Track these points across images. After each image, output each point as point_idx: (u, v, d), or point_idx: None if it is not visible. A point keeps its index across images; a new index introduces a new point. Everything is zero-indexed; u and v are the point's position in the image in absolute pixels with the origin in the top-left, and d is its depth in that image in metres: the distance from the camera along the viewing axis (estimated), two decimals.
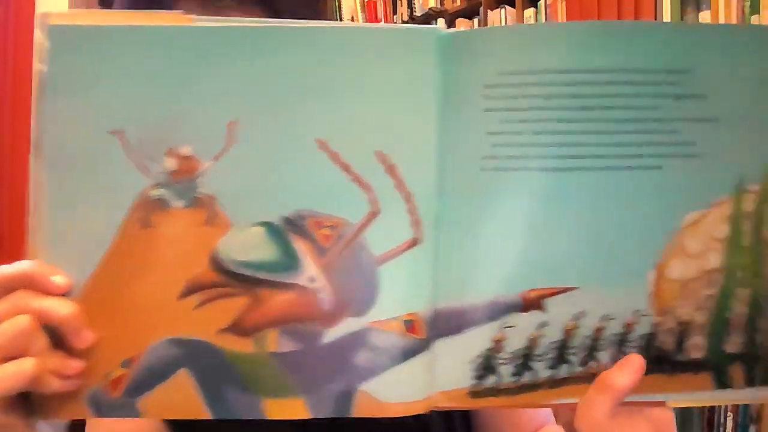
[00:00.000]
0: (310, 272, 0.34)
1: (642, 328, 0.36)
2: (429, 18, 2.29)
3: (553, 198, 0.34)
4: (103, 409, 0.34)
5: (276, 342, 0.34)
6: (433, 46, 0.33)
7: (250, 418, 0.35)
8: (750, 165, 0.34)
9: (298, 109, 0.33)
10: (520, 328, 0.35)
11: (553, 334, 0.35)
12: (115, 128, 0.33)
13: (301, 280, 0.34)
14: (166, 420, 0.46)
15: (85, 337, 0.33)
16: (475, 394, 0.36)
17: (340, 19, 2.69)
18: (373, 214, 0.34)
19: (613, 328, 0.35)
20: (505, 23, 2.03)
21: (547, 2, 1.95)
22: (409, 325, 0.35)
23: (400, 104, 0.33)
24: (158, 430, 0.48)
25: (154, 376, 0.34)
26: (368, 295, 0.34)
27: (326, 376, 0.35)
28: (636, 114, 0.34)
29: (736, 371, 0.36)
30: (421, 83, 0.33)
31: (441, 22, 2.23)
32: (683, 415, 1.62)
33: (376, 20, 2.54)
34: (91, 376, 0.33)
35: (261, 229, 0.34)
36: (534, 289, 0.35)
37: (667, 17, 1.66)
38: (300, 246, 0.34)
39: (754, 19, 1.54)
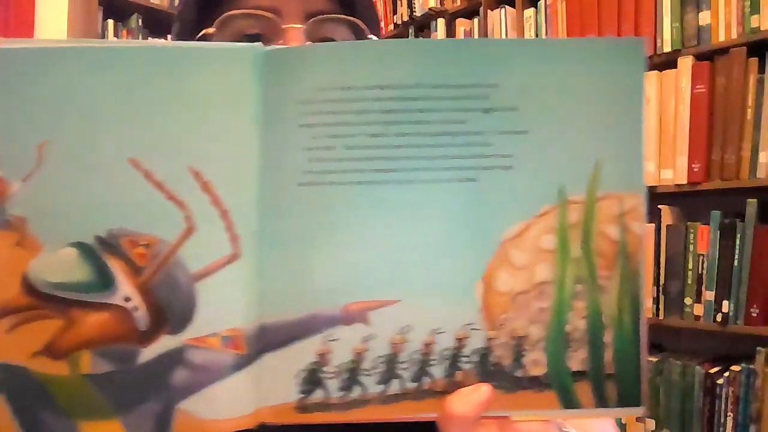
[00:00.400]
0: (125, 292, 0.33)
1: (475, 343, 0.35)
2: (429, 18, 2.29)
3: (369, 211, 0.34)
4: None
5: (90, 364, 0.34)
6: (252, 63, 0.33)
7: None
8: (571, 175, 0.34)
9: (110, 129, 0.33)
10: (344, 342, 0.35)
11: (379, 348, 0.35)
12: None
13: (115, 300, 0.33)
14: None
15: None
16: (303, 408, 0.35)
17: None
18: (189, 231, 0.33)
19: (444, 343, 0.35)
20: (505, 23, 2.03)
21: (547, 2, 1.95)
22: (229, 340, 0.34)
23: (217, 122, 0.33)
24: None
25: None
26: (185, 312, 0.34)
27: (142, 397, 0.34)
28: (446, 128, 0.34)
29: (583, 390, 0.35)
30: (238, 100, 0.33)
31: (441, 22, 2.23)
32: (683, 415, 1.62)
33: None
34: None
35: (73, 250, 0.33)
36: (355, 302, 0.35)
37: (667, 17, 1.66)
38: (114, 265, 0.33)
39: (754, 19, 1.54)
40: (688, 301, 1.62)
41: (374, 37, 0.52)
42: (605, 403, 0.35)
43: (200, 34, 0.51)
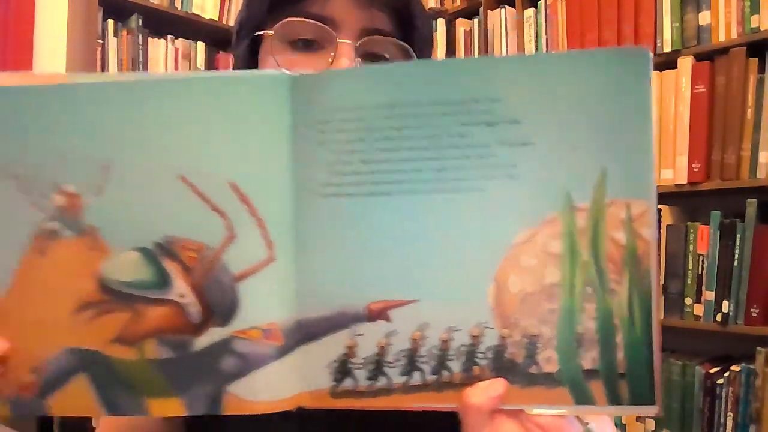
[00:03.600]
0: (180, 289, 0.39)
1: (489, 340, 0.38)
2: None
3: (386, 219, 0.38)
4: (20, 408, 0.40)
5: (154, 350, 0.39)
6: (280, 88, 0.38)
7: (138, 415, 0.40)
8: (576, 184, 0.37)
9: (164, 150, 0.38)
10: (369, 336, 0.39)
11: (401, 343, 0.39)
12: (10, 173, 0.38)
13: (172, 296, 0.39)
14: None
15: None
16: (336, 394, 0.40)
17: None
18: (230, 239, 0.39)
19: (460, 339, 0.38)
20: (505, 24, 2.03)
21: (547, 2, 1.95)
22: (268, 333, 0.39)
23: (252, 142, 0.38)
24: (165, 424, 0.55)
25: (57, 380, 0.40)
26: (230, 307, 0.39)
27: (197, 379, 0.40)
28: (452, 141, 0.37)
29: (596, 388, 0.38)
30: (270, 122, 0.38)
31: (441, 22, 2.23)
32: (683, 415, 1.62)
33: None
34: (8, 381, 0.40)
35: (137, 254, 0.39)
36: (377, 302, 0.39)
37: (667, 17, 1.67)
38: (171, 267, 0.39)
39: (754, 19, 1.54)
40: (688, 301, 1.62)
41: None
42: (618, 401, 0.38)
43: (257, 33, 0.54)
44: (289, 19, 0.52)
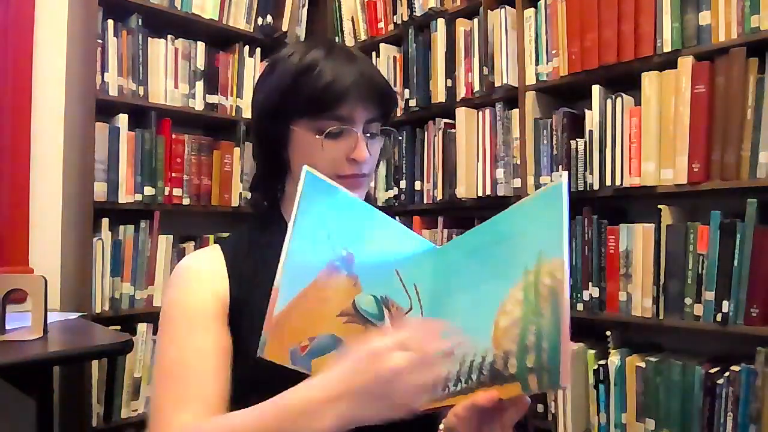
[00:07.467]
0: (387, 323, 0.72)
1: (489, 358, 0.63)
2: (429, 18, 2.29)
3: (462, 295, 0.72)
4: (296, 360, 0.68)
5: None
6: None
7: None
8: (529, 259, 0.62)
9: (385, 249, 0.76)
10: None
11: (452, 366, 0.66)
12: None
13: (383, 325, 0.72)
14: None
15: None
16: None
17: (340, 20, 2.68)
18: (410, 309, 0.76)
19: (477, 360, 0.64)
20: (505, 24, 2.03)
21: (547, 2, 1.95)
22: None
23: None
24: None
25: (322, 349, 0.69)
26: None
27: None
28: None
29: (533, 380, 0.58)
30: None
31: (441, 22, 2.23)
32: (683, 415, 1.62)
33: (376, 20, 2.53)
34: (294, 341, 0.68)
35: (371, 297, 0.73)
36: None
37: (667, 17, 1.67)
38: (386, 311, 0.73)
39: (754, 19, 1.54)
40: (688, 301, 1.63)
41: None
42: (542, 387, 0.57)
43: (293, 124, 0.85)
44: (331, 129, 0.82)
